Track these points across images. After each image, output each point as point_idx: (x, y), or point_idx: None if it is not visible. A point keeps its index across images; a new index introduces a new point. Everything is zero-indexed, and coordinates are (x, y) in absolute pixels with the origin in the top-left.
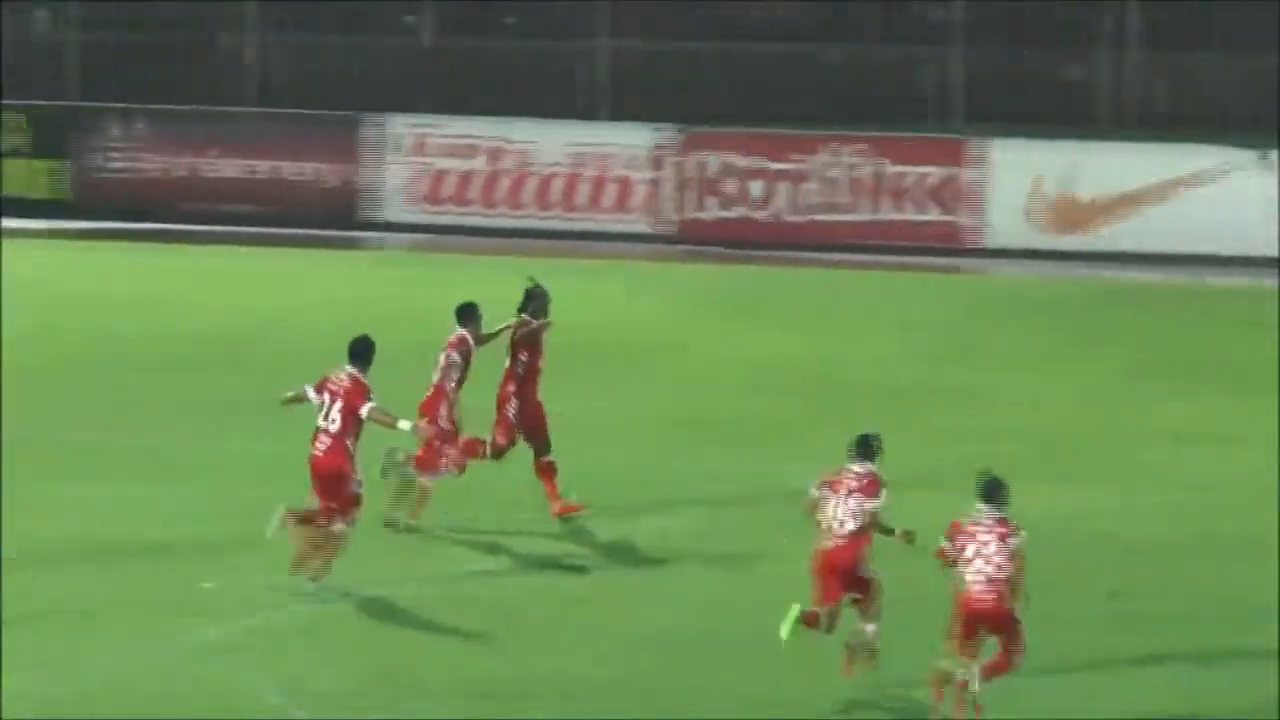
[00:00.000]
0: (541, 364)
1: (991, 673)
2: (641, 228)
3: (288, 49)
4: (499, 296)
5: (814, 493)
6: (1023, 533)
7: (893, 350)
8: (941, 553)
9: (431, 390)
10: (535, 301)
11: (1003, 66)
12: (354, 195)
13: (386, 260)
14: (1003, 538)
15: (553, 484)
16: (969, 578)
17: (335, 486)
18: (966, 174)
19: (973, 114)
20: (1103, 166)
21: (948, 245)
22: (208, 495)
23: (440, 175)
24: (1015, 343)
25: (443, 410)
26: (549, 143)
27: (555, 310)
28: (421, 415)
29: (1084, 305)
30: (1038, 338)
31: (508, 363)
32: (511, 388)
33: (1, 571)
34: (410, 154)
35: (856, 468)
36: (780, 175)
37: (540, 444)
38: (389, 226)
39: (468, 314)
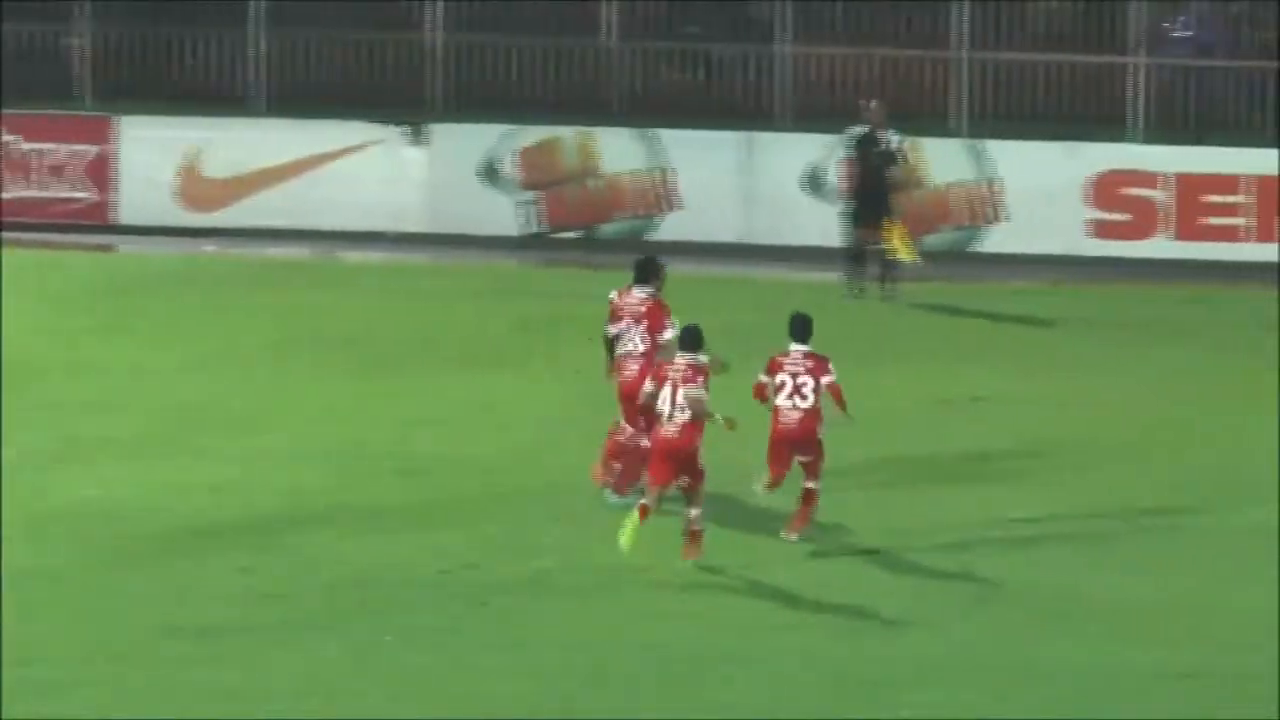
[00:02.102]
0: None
1: (805, 512)
2: None
3: None
4: None
5: (648, 386)
6: (833, 370)
7: (31, 326)
8: (760, 388)
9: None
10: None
11: (137, 43)
12: None
13: None
14: (813, 371)
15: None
16: (781, 405)
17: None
18: (100, 150)
19: (103, 91)
20: (239, 143)
21: (83, 222)
22: None
23: None
24: (152, 320)
25: None
26: None
27: None
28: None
29: (220, 281)
30: (175, 314)
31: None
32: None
33: None
34: None
35: (684, 359)
36: None
37: None
38: None
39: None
